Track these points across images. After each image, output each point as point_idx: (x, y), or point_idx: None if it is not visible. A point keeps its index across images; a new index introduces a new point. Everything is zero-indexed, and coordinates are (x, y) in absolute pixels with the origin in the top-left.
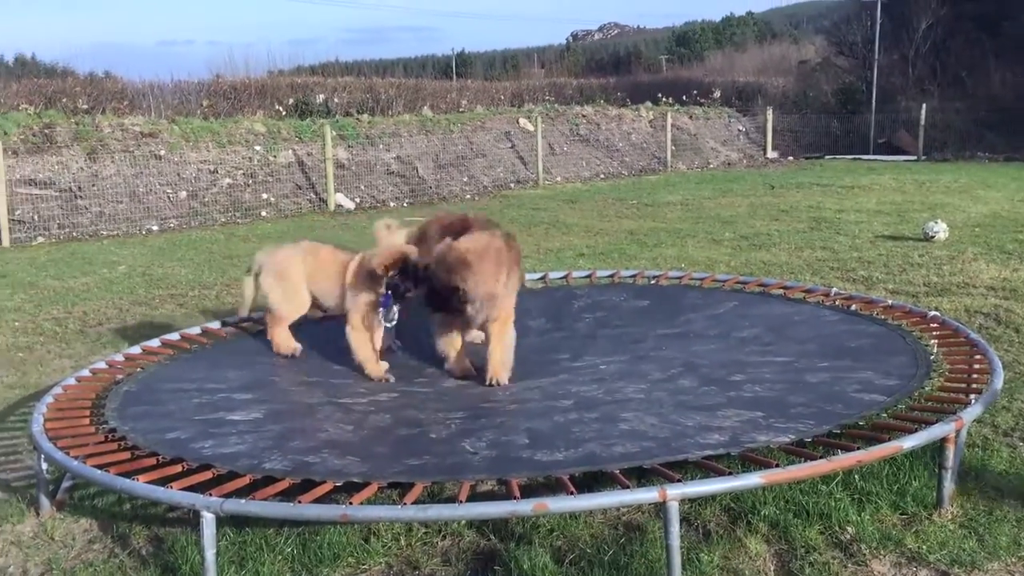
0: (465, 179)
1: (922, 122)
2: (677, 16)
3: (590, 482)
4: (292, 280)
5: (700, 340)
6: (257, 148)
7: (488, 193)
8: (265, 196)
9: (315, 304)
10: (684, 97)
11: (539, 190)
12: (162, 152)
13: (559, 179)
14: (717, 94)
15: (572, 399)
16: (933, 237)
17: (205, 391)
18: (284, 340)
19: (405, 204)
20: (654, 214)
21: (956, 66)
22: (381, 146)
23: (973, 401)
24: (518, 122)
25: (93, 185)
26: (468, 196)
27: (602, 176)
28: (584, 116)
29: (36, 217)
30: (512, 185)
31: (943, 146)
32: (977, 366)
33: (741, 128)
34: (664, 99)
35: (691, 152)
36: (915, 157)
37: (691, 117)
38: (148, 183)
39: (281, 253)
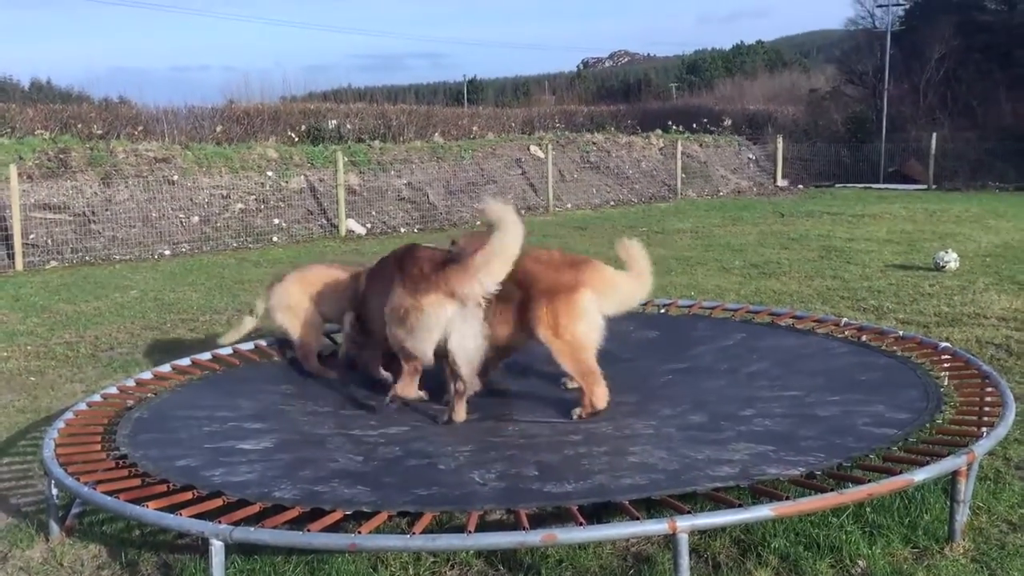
0: (476, 205)
1: (932, 151)
2: (687, 44)
3: (599, 513)
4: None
5: (710, 374)
6: (269, 174)
7: None
8: (277, 221)
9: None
10: (694, 125)
11: (549, 217)
12: (175, 177)
13: (569, 206)
14: (727, 122)
15: (581, 434)
16: (944, 267)
17: (215, 419)
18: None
19: (416, 230)
20: (664, 242)
21: (967, 96)
22: (392, 172)
23: (985, 434)
24: (529, 149)
25: (106, 210)
26: (479, 223)
27: (612, 203)
28: (594, 143)
29: (50, 241)
30: (522, 212)
31: (954, 175)
32: (989, 398)
33: (751, 156)
34: (674, 127)
35: (701, 180)
36: (925, 186)
37: (701, 145)
38: (161, 208)
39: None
